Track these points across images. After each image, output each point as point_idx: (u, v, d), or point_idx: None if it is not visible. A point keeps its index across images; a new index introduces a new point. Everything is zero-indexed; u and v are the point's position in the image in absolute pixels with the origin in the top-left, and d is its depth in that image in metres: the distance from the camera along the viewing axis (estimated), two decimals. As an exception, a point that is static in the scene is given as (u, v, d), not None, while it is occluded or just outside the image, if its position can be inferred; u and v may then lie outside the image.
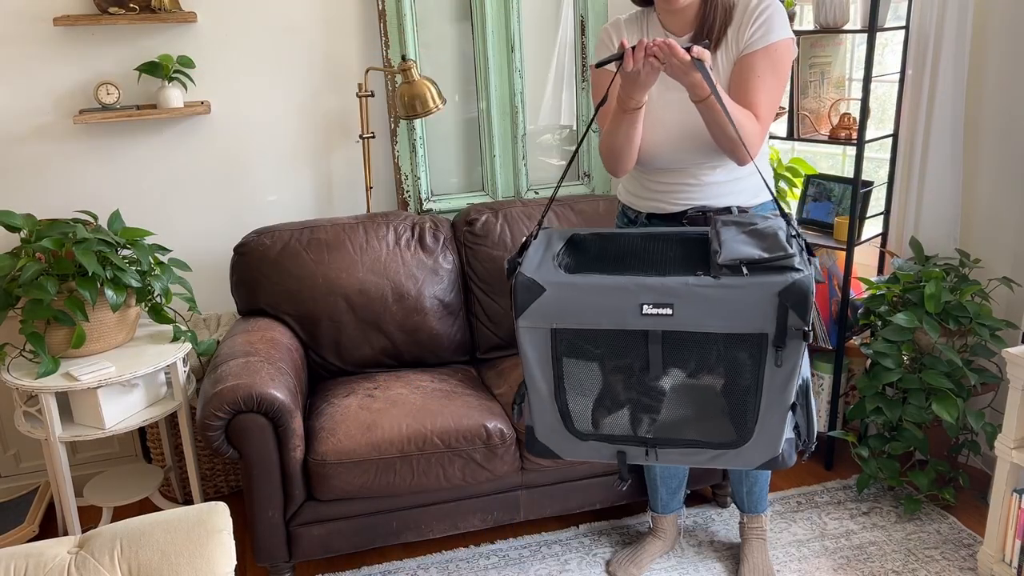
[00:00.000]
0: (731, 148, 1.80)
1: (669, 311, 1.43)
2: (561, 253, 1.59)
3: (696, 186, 1.98)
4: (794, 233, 1.52)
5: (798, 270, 1.41)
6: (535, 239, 1.63)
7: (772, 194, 1.63)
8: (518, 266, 1.53)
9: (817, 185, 2.89)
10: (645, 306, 1.44)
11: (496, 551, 2.54)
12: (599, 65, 1.66)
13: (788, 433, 1.52)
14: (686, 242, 1.62)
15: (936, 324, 2.51)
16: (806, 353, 1.62)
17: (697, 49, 1.57)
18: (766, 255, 1.44)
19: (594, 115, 1.74)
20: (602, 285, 1.47)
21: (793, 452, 1.56)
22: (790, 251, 1.44)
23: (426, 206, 3.04)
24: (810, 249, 1.52)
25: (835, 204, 2.84)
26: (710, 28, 1.85)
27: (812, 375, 2.89)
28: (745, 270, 1.43)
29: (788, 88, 2.77)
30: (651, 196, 2.04)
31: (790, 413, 1.49)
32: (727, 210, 1.96)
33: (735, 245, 1.48)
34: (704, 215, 1.99)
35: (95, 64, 2.68)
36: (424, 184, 3.02)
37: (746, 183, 1.97)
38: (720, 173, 1.96)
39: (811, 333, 1.40)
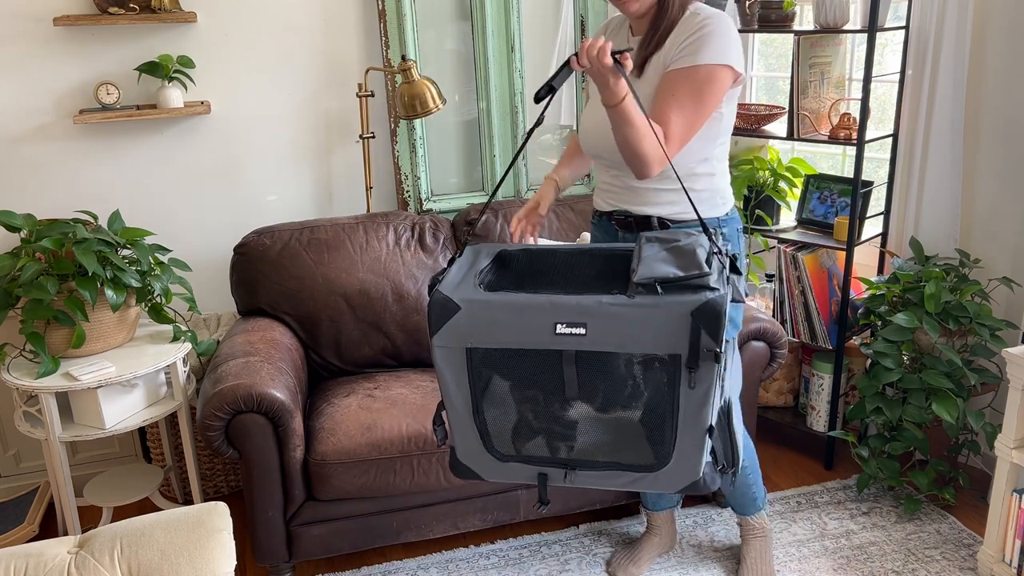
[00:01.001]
0: (629, 159, 1.75)
1: (583, 331, 1.41)
2: (485, 271, 1.56)
3: (620, 188, 1.97)
4: (716, 250, 1.50)
5: (712, 289, 1.39)
6: (459, 257, 1.60)
7: (696, 214, 1.56)
8: (438, 283, 1.50)
9: (821, 186, 2.90)
10: (559, 325, 1.42)
11: (496, 551, 2.54)
12: (542, 93, 1.61)
13: (708, 457, 1.50)
14: (611, 259, 1.60)
15: (936, 324, 2.51)
16: (736, 373, 1.61)
17: (622, 55, 1.55)
18: (680, 273, 1.42)
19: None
20: (516, 303, 1.44)
21: (716, 475, 1.53)
22: (705, 270, 1.41)
23: (426, 206, 3.04)
24: (736, 267, 1.51)
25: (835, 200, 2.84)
26: (658, 31, 1.83)
27: (812, 375, 2.89)
28: (659, 289, 1.40)
29: (788, 88, 2.77)
30: (597, 193, 2.08)
31: (707, 439, 1.46)
32: (647, 219, 1.94)
33: (653, 263, 1.46)
34: (627, 219, 1.97)
35: (95, 64, 2.68)
36: (424, 184, 3.02)
37: (671, 196, 1.93)
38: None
39: (722, 355, 1.37)
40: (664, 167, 1.76)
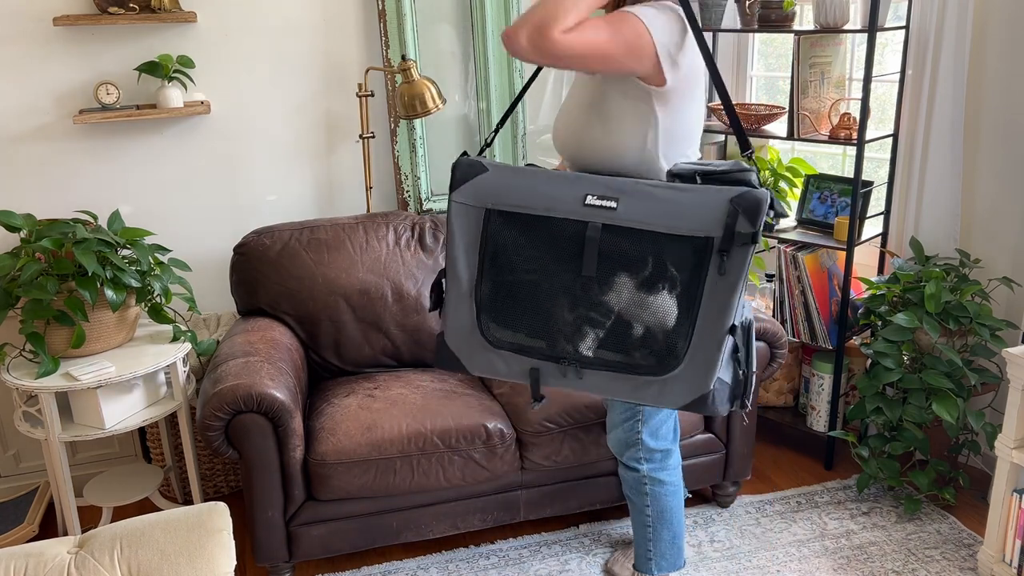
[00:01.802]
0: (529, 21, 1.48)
1: (613, 203, 1.35)
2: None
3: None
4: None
5: (753, 185, 1.34)
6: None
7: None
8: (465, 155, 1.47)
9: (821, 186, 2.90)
10: (590, 196, 1.36)
11: (496, 551, 2.54)
12: None
13: (722, 372, 1.40)
14: None
15: (936, 324, 2.51)
16: (748, 302, 1.52)
17: None
18: (721, 167, 1.39)
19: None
20: (547, 173, 1.40)
21: (726, 400, 1.43)
22: (747, 167, 1.37)
23: (426, 206, 3.04)
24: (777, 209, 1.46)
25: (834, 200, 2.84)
26: None
27: (812, 375, 2.89)
28: (699, 179, 1.37)
29: (789, 88, 2.77)
30: None
31: (729, 340, 1.37)
32: None
33: (689, 165, 1.42)
34: None
35: (95, 64, 2.68)
36: (424, 184, 3.02)
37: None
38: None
39: (758, 236, 1.31)
40: (535, 40, 1.45)
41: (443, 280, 1.50)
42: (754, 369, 1.45)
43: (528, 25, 1.46)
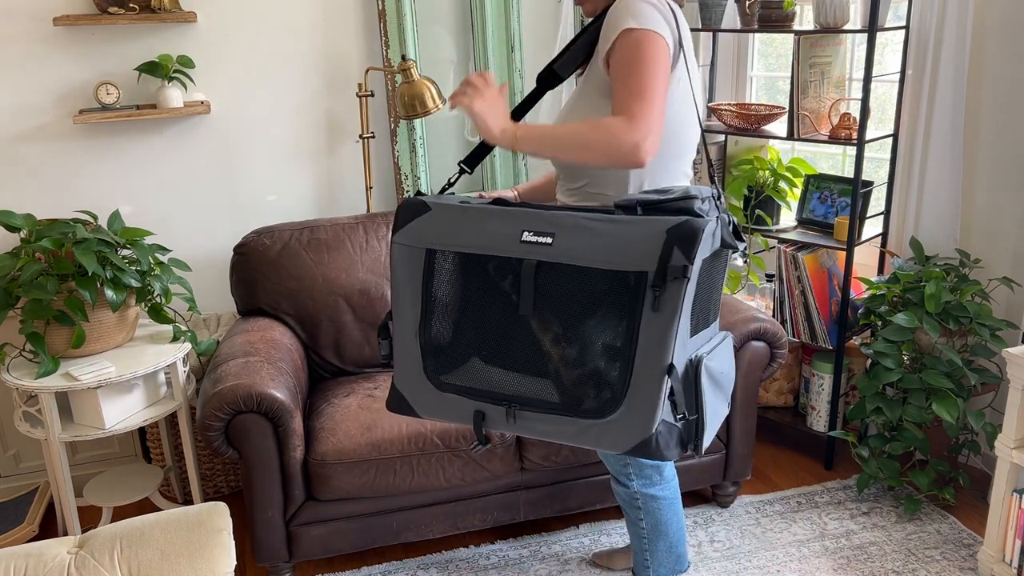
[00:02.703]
0: (601, 162, 1.52)
1: (548, 240, 1.33)
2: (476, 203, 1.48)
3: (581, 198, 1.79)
4: (716, 196, 1.39)
5: (696, 214, 1.30)
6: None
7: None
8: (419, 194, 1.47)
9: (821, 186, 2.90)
10: (526, 232, 1.34)
11: (496, 551, 2.53)
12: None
13: (665, 414, 1.35)
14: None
15: (936, 324, 2.51)
16: (726, 359, 1.46)
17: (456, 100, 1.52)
18: (663, 197, 1.35)
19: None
20: (488, 210, 1.38)
21: (674, 442, 1.37)
22: (692, 194, 1.34)
23: (426, 206, 3.04)
24: (737, 232, 1.42)
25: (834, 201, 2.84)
26: (599, 31, 1.66)
27: (812, 375, 2.89)
28: (640, 210, 1.33)
29: (789, 88, 2.77)
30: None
31: (666, 379, 1.31)
32: None
33: (636, 194, 1.41)
34: None
35: (95, 64, 2.68)
36: (424, 184, 3.02)
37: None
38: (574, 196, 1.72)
39: (689, 269, 1.26)
40: (649, 143, 1.47)
41: (389, 324, 1.48)
42: (704, 409, 1.39)
43: (623, 153, 1.48)
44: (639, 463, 1.94)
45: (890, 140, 2.84)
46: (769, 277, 3.06)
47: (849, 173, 3.02)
